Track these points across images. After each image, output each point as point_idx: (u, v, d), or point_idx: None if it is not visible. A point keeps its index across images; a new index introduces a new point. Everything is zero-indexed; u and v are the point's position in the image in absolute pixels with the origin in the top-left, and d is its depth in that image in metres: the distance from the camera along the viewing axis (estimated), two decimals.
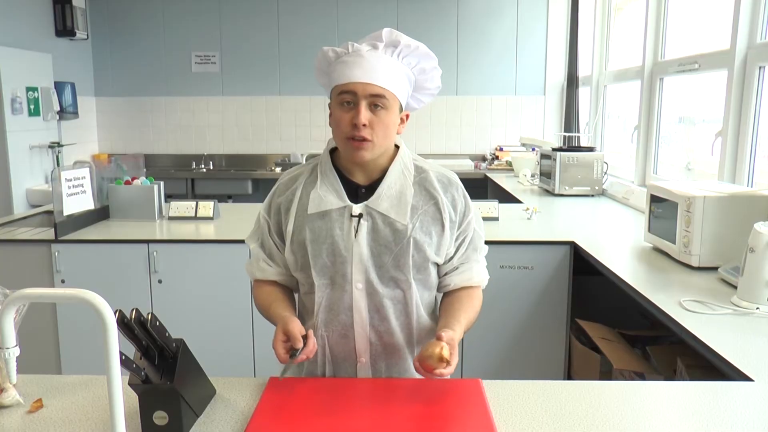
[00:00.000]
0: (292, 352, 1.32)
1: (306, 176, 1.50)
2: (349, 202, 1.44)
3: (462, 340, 1.48)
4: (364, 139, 1.38)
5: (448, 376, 1.30)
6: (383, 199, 1.43)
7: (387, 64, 1.40)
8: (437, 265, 1.49)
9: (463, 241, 1.50)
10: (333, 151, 1.51)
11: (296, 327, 1.35)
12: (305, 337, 1.34)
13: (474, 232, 1.51)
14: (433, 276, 1.49)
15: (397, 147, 1.50)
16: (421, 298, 1.48)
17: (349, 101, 1.39)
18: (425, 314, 1.49)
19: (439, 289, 1.54)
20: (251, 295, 2.85)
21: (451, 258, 1.49)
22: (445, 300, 1.52)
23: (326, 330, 1.46)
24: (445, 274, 1.51)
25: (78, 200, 3.01)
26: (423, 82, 1.48)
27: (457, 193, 1.49)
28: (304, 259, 1.45)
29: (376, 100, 1.38)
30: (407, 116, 1.48)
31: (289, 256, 1.47)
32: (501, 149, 5.89)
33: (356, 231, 1.42)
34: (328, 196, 1.45)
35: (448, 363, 1.24)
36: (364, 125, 1.37)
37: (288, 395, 1.30)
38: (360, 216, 1.43)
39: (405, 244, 1.42)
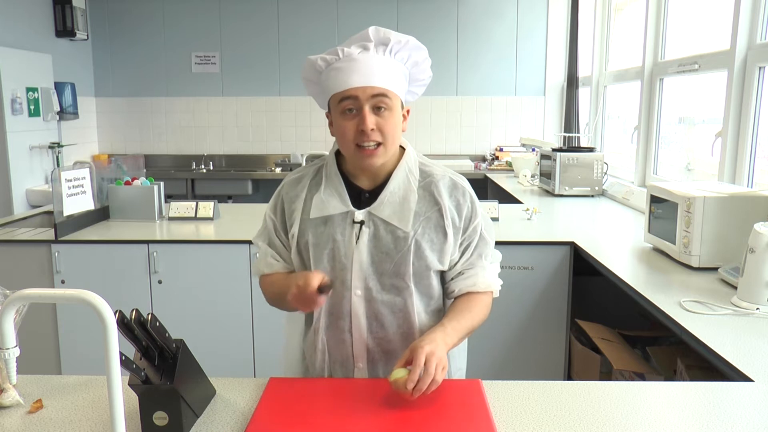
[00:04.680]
0: (320, 288, 1.27)
1: (310, 178, 1.49)
2: (352, 208, 1.42)
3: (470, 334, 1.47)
4: (375, 145, 1.36)
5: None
6: (386, 205, 1.41)
7: (382, 63, 1.37)
8: (440, 272, 1.47)
9: (468, 246, 1.47)
10: (338, 153, 1.49)
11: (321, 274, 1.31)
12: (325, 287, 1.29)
13: (480, 237, 1.48)
14: (434, 284, 1.47)
15: (402, 149, 1.47)
16: (423, 306, 1.46)
17: (351, 108, 1.36)
18: (427, 322, 1.47)
19: (446, 296, 1.52)
20: (251, 295, 2.88)
21: (455, 264, 1.47)
22: (449, 306, 1.50)
23: (326, 333, 1.46)
24: (451, 279, 1.49)
25: (78, 201, 3.01)
26: (416, 74, 1.47)
27: (463, 197, 1.45)
28: (308, 263, 1.45)
29: (379, 102, 1.35)
30: (408, 111, 1.46)
31: (295, 257, 1.47)
32: (501, 150, 5.90)
33: (357, 238, 1.41)
34: (331, 200, 1.43)
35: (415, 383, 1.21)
36: (372, 130, 1.35)
37: (288, 395, 1.30)
38: (362, 223, 1.41)
39: (406, 251, 1.40)
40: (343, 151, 1.43)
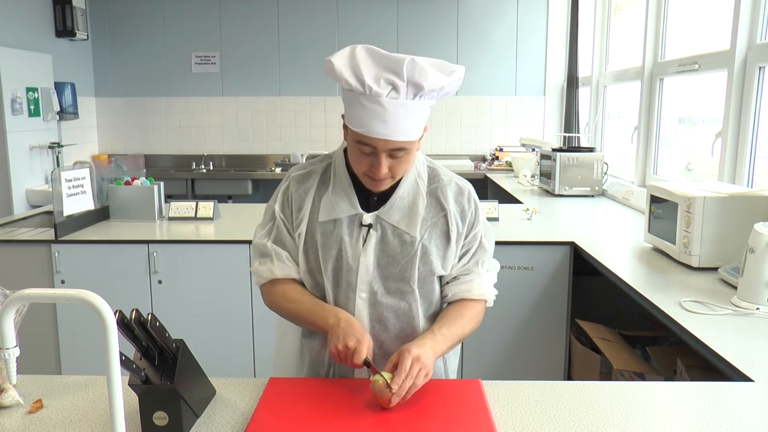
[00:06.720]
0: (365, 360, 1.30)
1: (318, 175, 1.46)
2: (360, 210, 1.42)
3: (462, 341, 1.48)
4: (384, 179, 1.36)
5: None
6: (395, 210, 1.41)
7: (409, 112, 1.29)
8: (440, 277, 1.47)
9: (467, 252, 1.47)
10: (346, 152, 1.47)
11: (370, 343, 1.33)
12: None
13: (479, 245, 1.48)
14: (436, 289, 1.47)
15: None
16: (423, 310, 1.46)
17: (367, 152, 1.32)
18: (426, 326, 1.46)
19: (442, 300, 1.52)
20: (251, 295, 2.87)
21: (452, 269, 1.47)
22: (441, 312, 1.50)
23: None
24: (446, 284, 1.49)
25: (78, 201, 3.00)
26: (442, 96, 1.39)
27: (468, 204, 1.46)
28: (315, 263, 1.44)
29: (398, 153, 1.32)
30: (425, 128, 1.38)
31: (301, 257, 1.45)
32: (501, 150, 5.90)
33: (365, 240, 1.41)
34: (340, 202, 1.42)
35: (393, 388, 1.21)
36: (385, 173, 1.33)
37: (288, 395, 1.30)
38: (370, 226, 1.41)
39: (412, 255, 1.41)
40: (352, 167, 1.41)
